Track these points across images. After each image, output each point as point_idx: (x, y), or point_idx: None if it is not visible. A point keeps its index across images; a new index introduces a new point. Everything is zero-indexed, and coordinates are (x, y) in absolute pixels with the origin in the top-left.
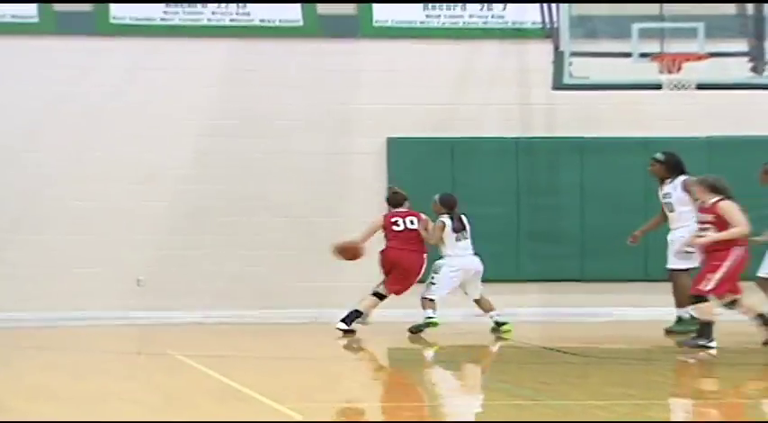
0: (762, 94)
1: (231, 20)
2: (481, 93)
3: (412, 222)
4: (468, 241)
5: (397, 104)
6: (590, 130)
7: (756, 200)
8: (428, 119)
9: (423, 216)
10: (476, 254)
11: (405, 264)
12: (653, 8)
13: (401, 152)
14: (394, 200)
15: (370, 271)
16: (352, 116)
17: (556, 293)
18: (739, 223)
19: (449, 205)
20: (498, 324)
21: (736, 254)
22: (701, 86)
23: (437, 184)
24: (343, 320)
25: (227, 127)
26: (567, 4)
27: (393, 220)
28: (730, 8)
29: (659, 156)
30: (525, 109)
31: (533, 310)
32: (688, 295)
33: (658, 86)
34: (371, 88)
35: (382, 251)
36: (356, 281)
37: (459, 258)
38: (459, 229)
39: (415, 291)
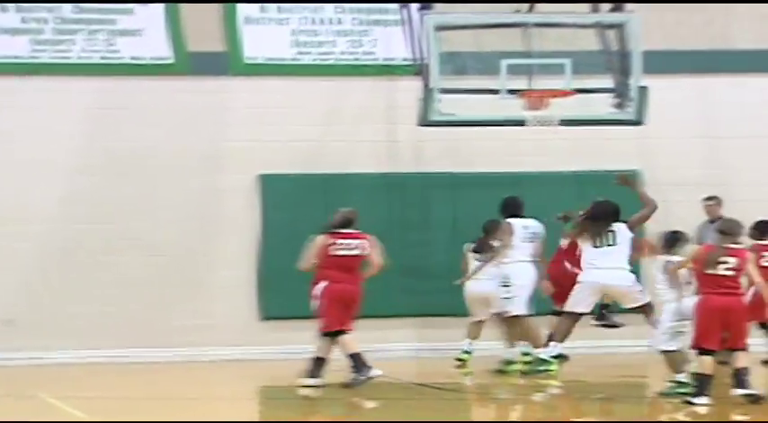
0: (626, 129)
1: (101, 57)
2: (352, 129)
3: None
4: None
5: (268, 141)
6: (461, 166)
7: None
8: (299, 155)
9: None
10: None
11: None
12: (519, 44)
13: (272, 188)
14: None
15: (242, 308)
16: (223, 153)
17: (428, 328)
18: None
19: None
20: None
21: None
22: (565, 122)
23: (309, 220)
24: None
25: (95, 165)
26: (433, 42)
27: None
28: (596, 44)
29: None
30: (395, 145)
31: (405, 345)
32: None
33: (525, 122)
34: (242, 125)
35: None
36: (227, 318)
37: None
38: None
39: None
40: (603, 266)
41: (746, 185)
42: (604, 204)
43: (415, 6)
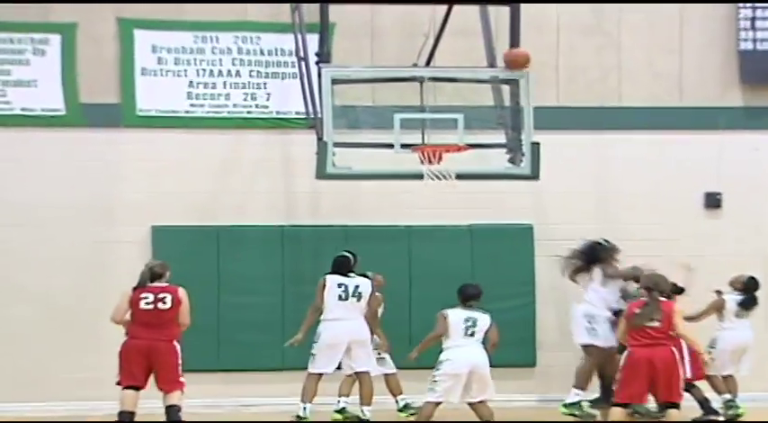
0: (520, 183)
1: None
2: (246, 181)
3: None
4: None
5: (162, 193)
6: (354, 219)
7: (516, 288)
8: (193, 207)
9: None
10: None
11: None
12: (414, 99)
13: (166, 240)
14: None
15: None
16: (117, 205)
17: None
18: None
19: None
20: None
21: None
22: (460, 176)
23: (203, 272)
24: None
25: None
26: (328, 95)
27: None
28: (489, 100)
29: None
30: (290, 197)
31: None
32: None
33: (420, 176)
34: (136, 177)
35: None
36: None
37: None
38: None
39: None
40: None
41: (639, 240)
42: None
43: (312, 59)
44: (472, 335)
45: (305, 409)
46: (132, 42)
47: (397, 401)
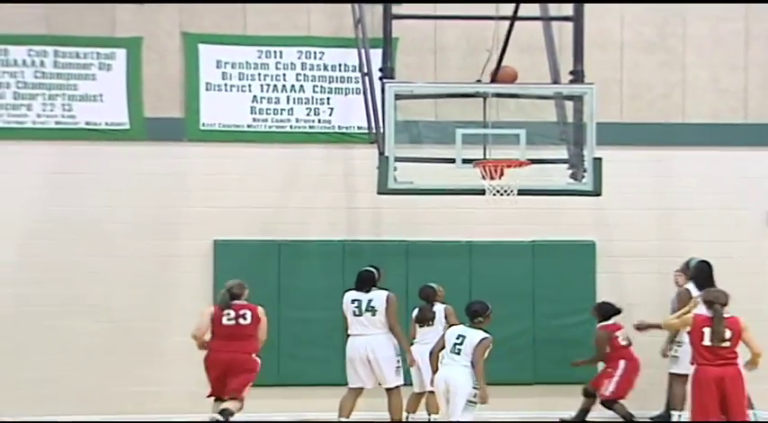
0: (582, 199)
1: (56, 122)
2: (308, 196)
3: None
4: None
5: (224, 207)
6: (415, 234)
7: (577, 304)
8: (255, 222)
9: None
10: None
11: None
12: (477, 114)
13: (228, 255)
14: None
15: (195, 375)
16: (179, 219)
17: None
18: None
19: None
20: None
21: None
22: (522, 192)
23: (264, 286)
24: None
25: (49, 230)
26: (391, 110)
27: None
28: (551, 116)
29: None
30: (351, 212)
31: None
32: None
33: (482, 192)
34: (198, 191)
35: None
36: (180, 386)
37: None
38: None
39: None
40: None
41: (701, 258)
42: None
43: (376, 75)
44: (458, 353)
45: None
46: (197, 57)
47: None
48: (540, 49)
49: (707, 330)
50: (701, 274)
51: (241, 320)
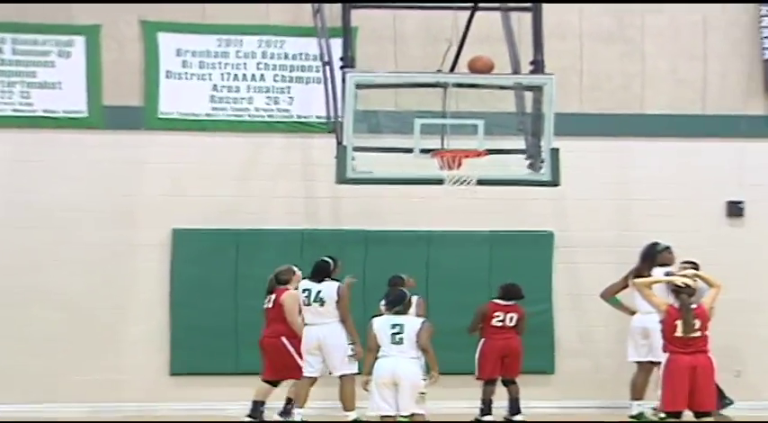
0: (540, 190)
1: (14, 110)
2: (267, 185)
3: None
4: None
5: (183, 196)
6: (374, 223)
7: (534, 295)
8: (213, 210)
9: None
10: None
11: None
12: (437, 104)
13: (186, 243)
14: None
15: (152, 363)
16: (137, 208)
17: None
18: None
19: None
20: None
21: None
22: (480, 182)
23: (222, 275)
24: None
25: (7, 219)
26: (351, 100)
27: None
28: (511, 106)
29: None
30: (310, 201)
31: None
32: None
33: (440, 181)
34: (156, 180)
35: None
36: (138, 374)
37: None
38: None
39: None
40: None
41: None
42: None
43: (336, 65)
44: (400, 342)
45: (298, 414)
46: (156, 46)
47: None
48: (499, 39)
49: (679, 323)
50: (643, 254)
51: (268, 305)
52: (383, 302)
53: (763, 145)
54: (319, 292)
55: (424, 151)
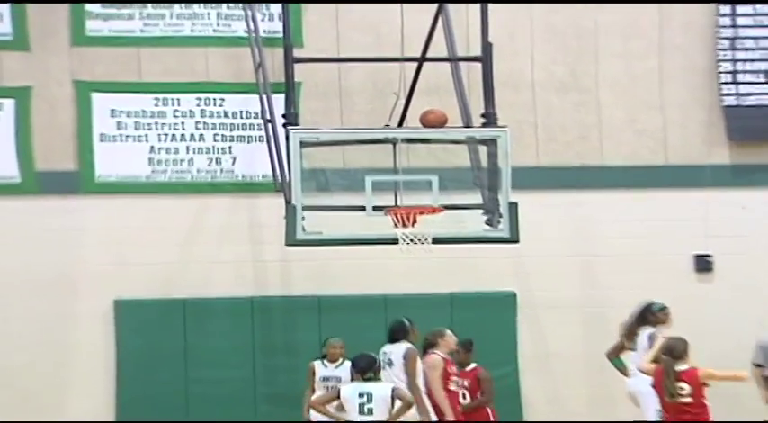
0: (500, 248)
1: None
2: (212, 249)
3: None
4: None
5: (124, 264)
6: (327, 288)
7: (498, 357)
8: (157, 278)
9: None
10: None
11: None
12: (387, 160)
13: (130, 314)
14: None
15: None
16: (76, 276)
17: None
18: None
19: None
20: None
21: None
22: (437, 240)
23: (169, 346)
24: None
25: None
26: (297, 158)
27: None
28: (465, 161)
29: None
30: (259, 266)
31: None
32: None
33: (395, 241)
34: (96, 247)
35: None
36: None
37: None
38: None
39: None
40: None
41: (623, 306)
42: None
43: (279, 122)
44: (370, 412)
45: None
46: (90, 106)
47: None
48: (448, 91)
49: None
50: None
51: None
52: (351, 368)
53: (729, 195)
54: (389, 353)
55: (376, 209)
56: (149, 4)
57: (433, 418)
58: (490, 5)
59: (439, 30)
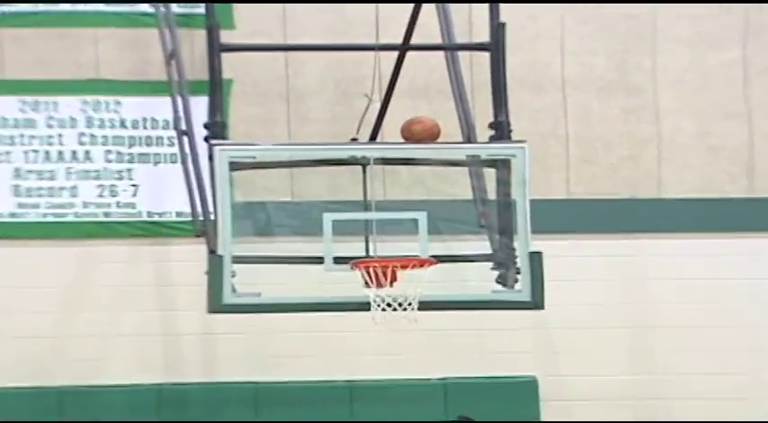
0: (517, 316)
1: None
2: (104, 319)
3: None
4: None
5: None
6: (268, 373)
7: None
8: (28, 361)
9: None
10: None
11: None
12: (355, 191)
13: None
14: None
15: None
16: None
17: None
18: None
19: None
20: None
21: None
22: (425, 306)
23: None
24: None
25: None
26: (225, 187)
27: None
28: (465, 191)
29: None
30: (170, 341)
31: None
32: None
33: (366, 306)
34: None
35: None
36: None
37: None
38: None
39: None
40: None
41: (689, 398)
42: None
43: (199, 135)
44: None
45: None
46: None
47: None
48: (442, 91)
49: None
50: None
51: None
52: None
53: None
54: None
55: (339, 261)
56: None
57: None
58: None
59: (430, 7)
